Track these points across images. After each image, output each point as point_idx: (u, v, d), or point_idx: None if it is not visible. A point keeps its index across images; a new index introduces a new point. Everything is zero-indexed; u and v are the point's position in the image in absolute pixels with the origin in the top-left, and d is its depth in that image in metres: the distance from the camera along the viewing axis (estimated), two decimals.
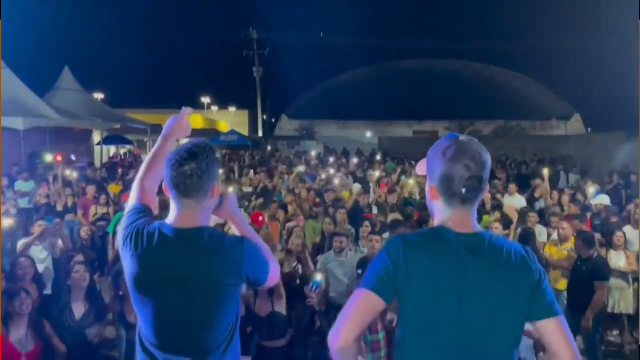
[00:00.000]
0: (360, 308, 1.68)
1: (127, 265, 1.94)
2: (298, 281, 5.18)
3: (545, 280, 1.73)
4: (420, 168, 1.89)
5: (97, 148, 21.60)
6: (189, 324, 1.89)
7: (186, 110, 2.32)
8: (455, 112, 38.55)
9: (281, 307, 4.53)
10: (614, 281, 6.11)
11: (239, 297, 2.01)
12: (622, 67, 41.38)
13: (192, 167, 1.85)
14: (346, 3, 53.78)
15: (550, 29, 53.12)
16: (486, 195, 8.80)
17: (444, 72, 45.92)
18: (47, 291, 5.12)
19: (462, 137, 1.78)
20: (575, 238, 5.81)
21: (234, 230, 2.16)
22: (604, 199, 8.78)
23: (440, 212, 1.78)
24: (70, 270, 4.40)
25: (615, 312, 6.28)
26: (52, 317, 4.14)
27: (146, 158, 2.23)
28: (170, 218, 1.95)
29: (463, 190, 1.69)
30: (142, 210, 2.05)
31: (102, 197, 8.68)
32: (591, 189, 10.61)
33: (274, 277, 2.04)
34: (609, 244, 6.65)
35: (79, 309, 4.26)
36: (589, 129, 39.88)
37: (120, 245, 1.98)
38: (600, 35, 45.40)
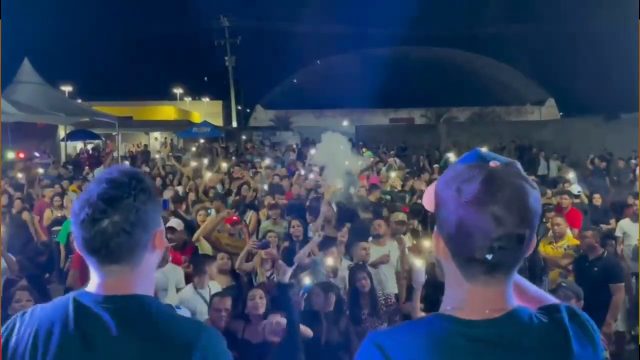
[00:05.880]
0: None
1: None
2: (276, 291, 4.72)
3: None
4: (428, 202, 1.19)
5: (62, 144, 20.71)
6: None
7: None
8: (431, 99, 38.54)
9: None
10: None
11: None
12: (596, 50, 41.83)
13: (115, 220, 1.20)
14: None
15: (522, 14, 53.46)
16: None
17: (419, 59, 45.78)
18: None
19: (494, 163, 1.08)
20: (582, 236, 5.40)
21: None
22: (573, 189, 8.64)
23: (452, 284, 1.14)
24: (11, 297, 3.79)
25: None
26: None
27: None
28: (91, 286, 1.27)
29: (489, 256, 1.05)
30: None
31: (57, 199, 8.02)
32: (570, 175, 10.48)
33: None
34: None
35: None
36: (561, 113, 40.22)
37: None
38: (571, 19, 45.78)
